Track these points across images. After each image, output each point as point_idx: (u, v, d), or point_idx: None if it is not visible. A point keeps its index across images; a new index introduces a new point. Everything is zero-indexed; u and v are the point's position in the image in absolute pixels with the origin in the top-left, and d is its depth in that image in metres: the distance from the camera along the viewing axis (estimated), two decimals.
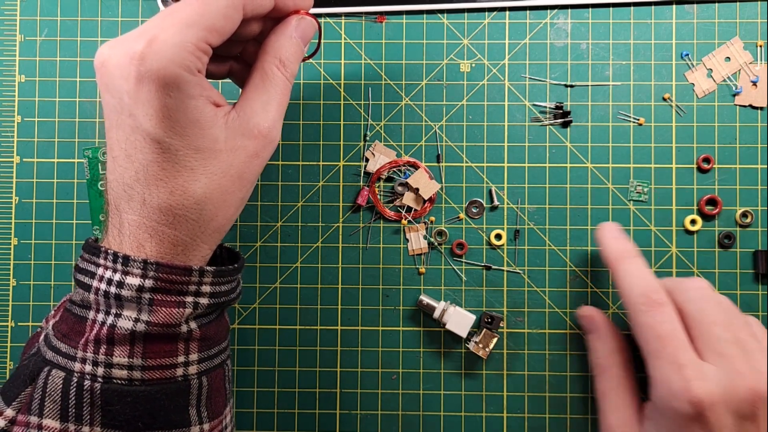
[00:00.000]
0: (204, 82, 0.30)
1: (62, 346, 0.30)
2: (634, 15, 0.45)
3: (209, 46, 0.30)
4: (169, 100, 0.29)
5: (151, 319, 0.30)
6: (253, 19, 0.34)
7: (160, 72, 0.28)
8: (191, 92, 0.29)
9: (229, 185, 0.32)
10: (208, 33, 0.30)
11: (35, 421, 0.29)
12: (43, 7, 0.46)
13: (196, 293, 0.31)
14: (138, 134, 0.30)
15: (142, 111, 0.29)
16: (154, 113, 0.29)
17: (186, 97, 0.29)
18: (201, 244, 0.32)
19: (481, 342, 0.44)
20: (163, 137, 0.29)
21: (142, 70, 0.28)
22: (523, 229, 0.45)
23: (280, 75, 0.33)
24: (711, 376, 0.34)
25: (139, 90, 0.29)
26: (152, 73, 0.28)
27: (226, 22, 0.30)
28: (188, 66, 0.29)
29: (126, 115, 0.29)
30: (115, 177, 0.31)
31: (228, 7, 0.30)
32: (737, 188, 0.45)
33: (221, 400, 0.34)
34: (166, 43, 0.28)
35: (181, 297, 0.31)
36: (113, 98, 0.30)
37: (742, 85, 0.45)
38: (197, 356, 0.32)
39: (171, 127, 0.29)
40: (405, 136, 0.45)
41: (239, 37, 0.34)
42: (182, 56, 0.29)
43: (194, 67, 0.29)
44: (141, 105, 0.29)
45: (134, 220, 0.30)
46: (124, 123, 0.30)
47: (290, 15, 0.35)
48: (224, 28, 0.30)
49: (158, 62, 0.28)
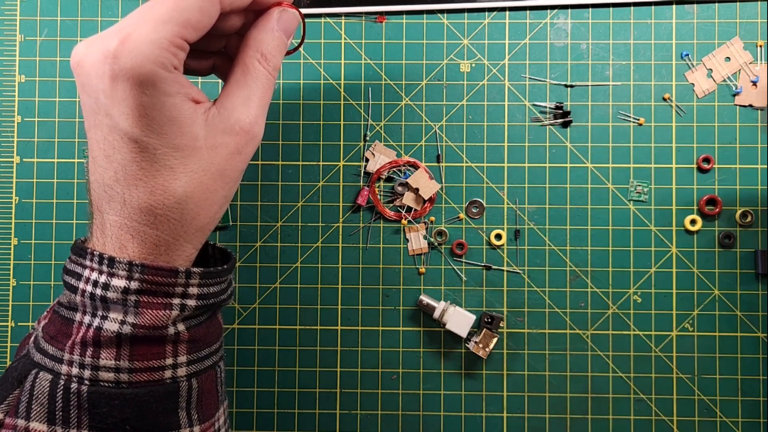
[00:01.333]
0: (181, 79, 0.30)
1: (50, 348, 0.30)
2: (634, 15, 0.45)
3: (185, 42, 0.30)
4: (144, 98, 0.28)
5: (138, 321, 0.29)
6: (232, 13, 0.33)
7: (135, 70, 0.28)
8: (168, 89, 0.29)
9: (210, 183, 0.31)
10: (184, 28, 0.29)
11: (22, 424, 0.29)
12: (43, 7, 0.46)
13: (182, 295, 0.31)
14: (115, 134, 0.29)
15: (119, 110, 0.28)
16: (130, 112, 0.28)
17: (162, 95, 0.29)
18: (184, 244, 0.31)
19: (481, 342, 0.44)
20: (141, 136, 0.29)
21: (116, 68, 0.28)
22: (523, 229, 0.45)
23: (262, 69, 0.33)
24: None
25: (115, 89, 0.28)
26: (126, 72, 0.28)
27: (202, 17, 0.30)
28: (163, 63, 0.28)
29: (103, 114, 0.29)
30: (95, 178, 0.30)
31: (204, 1, 0.29)
32: (737, 188, 0.45)
33: (213, 403, 0.33)
34: (140, 41, 0.28)
35: (167, 299, 0.30)
36: (90, 98, 0.29)
37: (742, 85, 0.45)
38: (186, 358, 0.31)
39: (148, 125, 0.29)
40: (405, 136, 0.45)
41: (220, 31, 0.33)
42: (157, 53, 0.28)
43: (170, 64, 0.29)
44: (117, 104, 0.28)
45: (116, 221, 0.30)
46: (102, 123, 0.29)
47: (272, 7, 0.34)
48: (200, 23, 0.30)
49: (132, 60, 0.28)
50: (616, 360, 0.45)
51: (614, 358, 0.45)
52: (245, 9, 0.33)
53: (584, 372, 0.45)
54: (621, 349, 0.45)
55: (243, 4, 0.32)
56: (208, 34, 0.31)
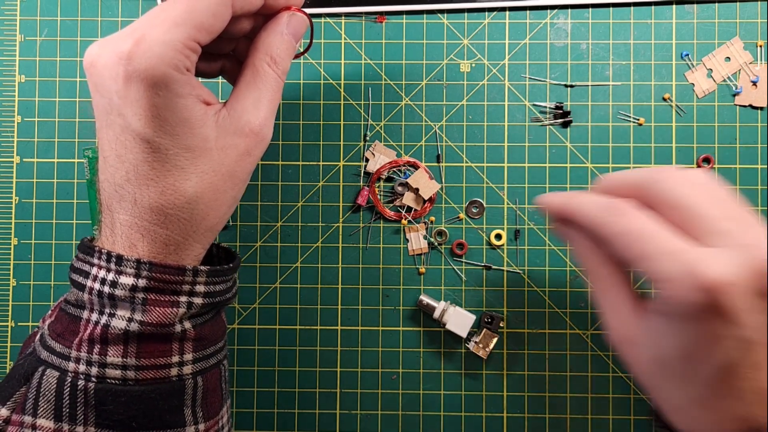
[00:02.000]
0: (193, 81, 0.30)
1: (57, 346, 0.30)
2: (634, 15, 0.45)
3: (198, 45, 0.30)
4: (157, 99, 0.29)
5: (145, 319, 0.30)
6: (243, 16, 0.33)
7: (148, 71, 0.28)
8: (180, 91, 0.29)
9: (220, 184, 0.31)
10: (197, 31, 0.29)
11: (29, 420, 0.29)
12: (43, 7, 0.46)
13: (190, 293, 0.31)
14: (127, 134, 0.29)
15: (131, 111, 0.29)
16: (143, 113, 0.29)
17: (175, 96, 0.29)
18: (194, 244, 0.32)
19: (481, 342, 0.44)
20: (153, 137, 0.29)
21: (130, 69, 0.28)
22: (523, 229, 0.45)
23: (272, 72, 0.33)
24: (716, 254, 0.26)
25: (128, 90, 0.28)
26: (140, 73, 0.28)
27: (215, 20, 0.30)
28: (177, 65, 0.29)
29: (115, 114, 0.29)
30: (106, 177, 0.31)
31: (217, 5, 0.30)
32: (737, 188, 0.45)
33: (217, 401, 0.34)
34: (154, 42, 0.28)
35: (174, 297, 0.30)
36: (103, 98, 0.30)
37: (742, 85, 0.45)
38: (192, 356, 0.32)
39: (160, 126, 0.29)
40: (405, 136, 0.45)
41: (230, 34, 0.33)
42: (170, 55, 0.28)
43: (183, 66, 0.29)
44: (130, 105, 0.29)
45: (126, 220, 0.30)
46: (114, 123, 0.30)
47: (281, 11, 0.34)
48: (213, 25, 0.30)
49: (146, 61, 0.28)
50: (616, 360, 0.45)
51: (614, 358, 0.45)
52: (255, 13, 0.34)
53: (584, 372, 0.45)
54: None
55: (254, 8, 0.33)
56: (218, 37, 0.31)
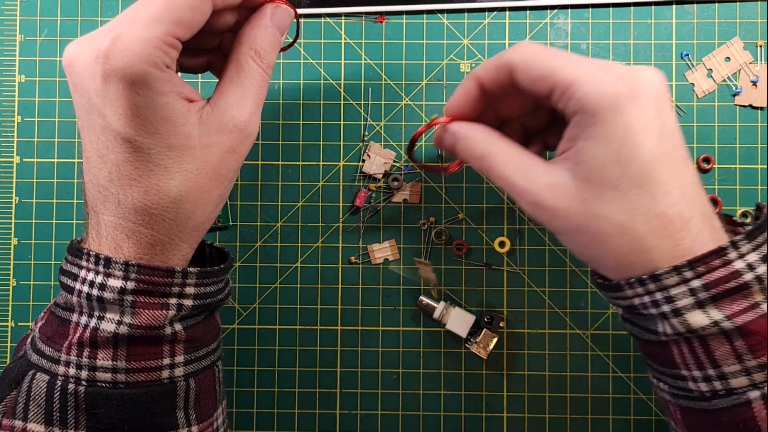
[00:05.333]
0: (174, 78, 0.29)
1: (47, 349, 0.30)
2: (634, 15, 0.45)
3: (178, 41, 0.29)
4: (137, 97, 0.28)
5: (134, 322, 0.29)
6: (225, 10, 0.33)
7: (127, 70, 0.27)
8: (160, 89, 0.28)
9: (205, 182, 0.31)
10: (176, 27, 0.29)
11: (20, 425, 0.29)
12: (43, 7, 0.46)
13: (179, 295, 0.31)
14: (108, 134, 0.29)
15: (111, 110, 0.28)
16: (122, 112, 0.28)
17: (155, 94, 0.28)
18: (180, 244, 0.31)
19: (481, 342, 0.44)
20: (134, 136, 0.29)
21: (108, 68, 0.27)
22: (523, 229, 0.45)
23: (256, 66, 0.32)
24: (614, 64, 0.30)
25: (107, 89, 0.28)
26: (118, 71, 0.27)
27: (195, 15, 0.29)
28: (155, 62, 0.28)
29: (96, 114, 0.29)
30: (90, 178, 0.30)
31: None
32: (737, 188, 0.45)
33: (211, 402, 0.33)
34: (132, 40, 0.28)
35: (164, 299, 0.30)
36: (82, 98, 0.29)
37: (742, 85, 0.45)
38: (183, 358, 0.31)
39: (141, 125, 0.29)
40: (405, 136, 0.45)
41: (213, 28, 0.33)
42: (148, 52, 0.28)
43: (162, 63, 0.29)
44: (109, 104, 0.28)
45: (111, 221, 0.30)
46: (95, 123, 0.29)
47: (265, 3, 0.33)
48: (192, 20, 0.29)
49: (124, 60, 0.27)
50: (616, 360, 0.45)
51: (614, 358, 0.45)
52: (238, 6, 0.33)
53: (584, 372, 0.45)
54: (621, 349, 0.45)
55: (235, 2, 0.32)
56: (201, 31, 0.31)
